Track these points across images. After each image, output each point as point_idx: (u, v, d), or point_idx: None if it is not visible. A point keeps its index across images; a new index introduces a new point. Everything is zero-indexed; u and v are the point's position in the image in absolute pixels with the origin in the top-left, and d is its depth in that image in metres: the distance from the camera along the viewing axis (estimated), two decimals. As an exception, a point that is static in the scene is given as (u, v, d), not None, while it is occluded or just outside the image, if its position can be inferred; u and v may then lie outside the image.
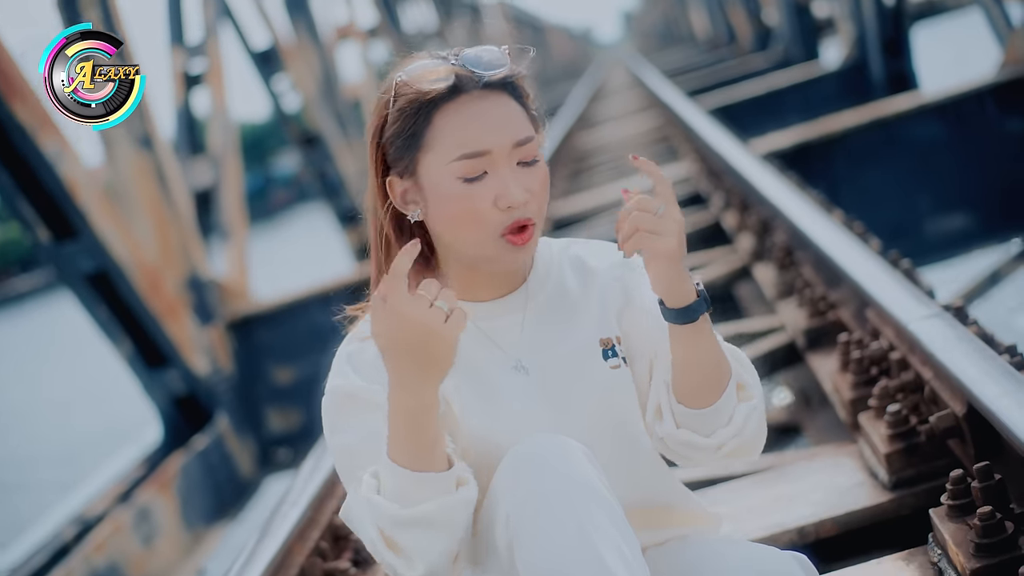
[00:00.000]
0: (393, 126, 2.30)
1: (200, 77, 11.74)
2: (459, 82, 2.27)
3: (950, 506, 2.73)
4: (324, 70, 15.85)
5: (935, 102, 10.46)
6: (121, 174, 9.41)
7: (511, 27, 44.60)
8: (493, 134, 2.25)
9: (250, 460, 9.86)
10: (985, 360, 2.99)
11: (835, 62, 17.27)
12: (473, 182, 2.24)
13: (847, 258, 4.55)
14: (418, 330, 2.04)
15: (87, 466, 13.70)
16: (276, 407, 10.40)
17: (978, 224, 10.28)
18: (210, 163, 11.34)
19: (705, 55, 36.57)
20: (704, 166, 9.41)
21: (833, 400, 4.00)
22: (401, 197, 2.32)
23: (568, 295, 2.44)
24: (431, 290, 2.06)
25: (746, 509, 3.37)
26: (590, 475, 2.15)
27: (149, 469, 8.55)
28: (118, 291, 8.78)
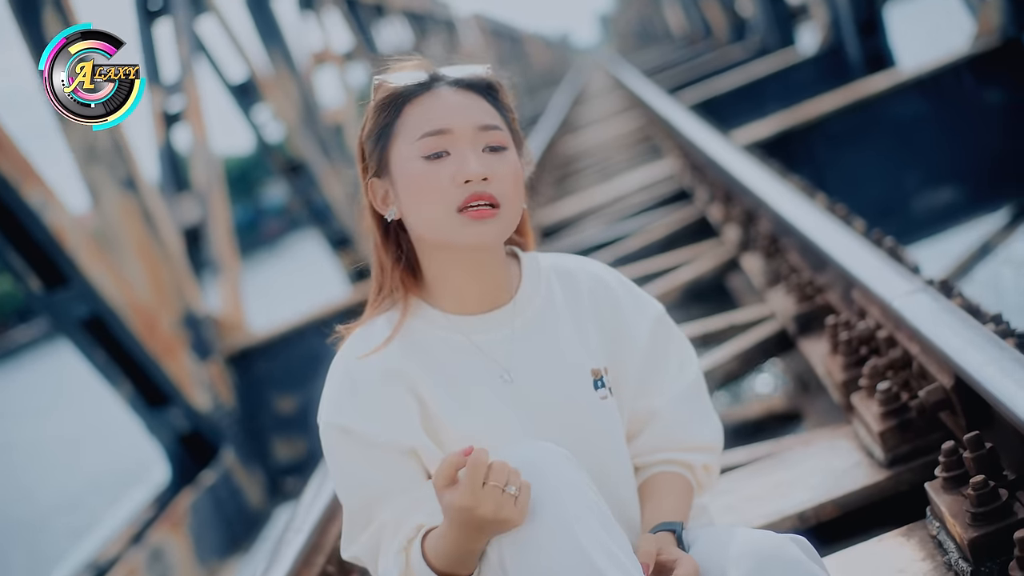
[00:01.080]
0: (370, 123, 2.40)
1: (179, 115, 11.73)
2: (430, 78, 2.38)
3: (944, 478, 2.74)
4: (303, 97, 15.84)
5: (913, 79, 10.46)
6: (108, 218, 9.41)
7: (488, 40, 44.63)
8: (455, 115, 2.34)
9: (259, 492, 9.85)
10: (969, 330, 3.00)
11: (812, 47, 17.27)
12: (435, 160, 2.31)
13: (831, 241, 4.55)
14: (490, 514, 2.11)
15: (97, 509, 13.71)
16: (281, 437, 10.38)
17: (965, 197, 10.28)
18: (196, 199, 11.32)
19: (683, 51, 36.60)
20: (687, 161, 9.42)
21: (826, 383, 4.01)
22: (382, 200, 2.38)
23: (557, 311, 2.48)
24: (502, 478, 2.12)
25: (745, 498, 3.38)
26: (577, 480, 2.17)
27: (159, 509, 8.53)
28: (114, 334, 8.76)
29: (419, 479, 2.36)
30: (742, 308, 6.14)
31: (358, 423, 2.33)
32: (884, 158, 10.28)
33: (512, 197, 2.33)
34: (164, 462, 9.40)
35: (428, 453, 2.35)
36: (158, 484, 9.29)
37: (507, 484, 2.12)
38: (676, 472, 2.53)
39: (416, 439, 2.34)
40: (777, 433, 6.15)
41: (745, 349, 4.96)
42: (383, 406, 2.35)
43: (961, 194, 10.30)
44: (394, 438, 2.33)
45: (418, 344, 2.41)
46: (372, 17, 23.20)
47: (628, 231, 8.69)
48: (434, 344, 2.41)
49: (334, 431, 2.35)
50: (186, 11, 12.07)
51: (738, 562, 2.17)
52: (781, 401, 6.54)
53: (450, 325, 2.42)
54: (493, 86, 2.44)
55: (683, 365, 2.59)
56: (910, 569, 2.68)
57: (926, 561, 2.69)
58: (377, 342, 2.39)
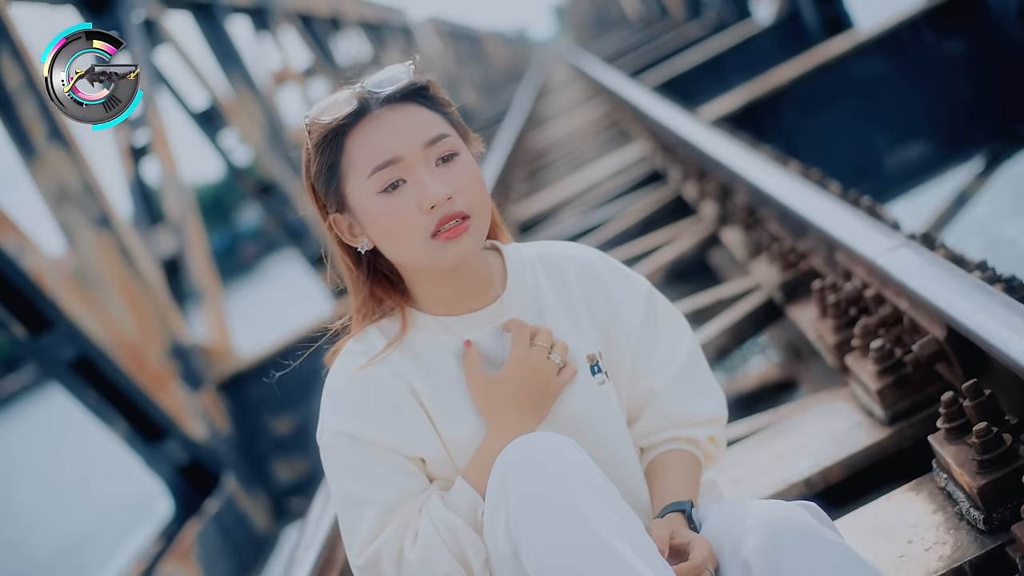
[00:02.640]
0: (314, 164, 2.35)
1: (146, 148, 11.69)
2: (361, 104, 2.31)
3: (947, 429, 2.75)
4: (268, 118, 15.82)
5: (872, 38, 10.47)
6: (85, 257, 9.38)
7: (445, 42, 44.59)
8: (399, 141, 2.29)
9: (264, 515, 9.83)
10: (956, 280, 3.00)
11: (769, 17, 17.29)
12: (392, 192, 2.27)
13: (809, 207, 4.55)
14: (540, 379, 2.34)
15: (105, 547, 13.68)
16: (281, 458, 10.37)
17: (936, 149, 10.30)
18: (171, 230, 11.29)
19: (640, 34, 36.56)
20: (657, 143, 9.41)
21: (819, 347, 4.01)
22: (348, 231, 2.35)
23: (545, 300, 2.47)
24: (547, 340, 2.37)
25: (752, 470, 3.38)
26: (583, 466, 2.17)
27: (167, 542, 8.51)
28: (103, 373, 8.73)
29: (427, 484, 2.36)
30: (727, 282, 6.13)
31: (367, 430, 2.32)
32: (852, 119, 10.30)
33: (478, 202, 2.32)
34: (166, 495, 9.37)
35: (435, 457, 2.35)
36: (163, 518, 9.27)
37: (552, 350, 2.37)
38: (681, 449, 2.53)
39: (423, 443, 2.34)
40: (775, 402, 6.16)
41: (735, 322, 4.96)
42: (391, 412, 2.35)
43: (932, 147, 10.32)
44: (403, 443, 2.33)
45: (413, 349, 2.40)
46: (328, 31, 23.18)
47: (605, 218, 8.68)
48: (427, 348, 2.41)
49: (343, 440, 2.34)
50: (143, 43, 12.03)
51: (752, 533, 2.17)
52: (775, 370, 6.54)
53: (440, 328, 2.41)
54: (423, 88, 2.39)
55: (677, 341, 2.59)
56: (922, 523, 2.68)
57: (937, 513, 2.69)
58: (374, 351, 2.39)
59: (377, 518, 2.31)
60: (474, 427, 2.37)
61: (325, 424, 2.39)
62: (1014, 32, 9.32)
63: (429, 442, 2.36)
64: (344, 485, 2.35)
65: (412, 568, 2.27)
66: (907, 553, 2.61)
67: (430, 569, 2.27)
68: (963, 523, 2.61)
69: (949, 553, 2.54)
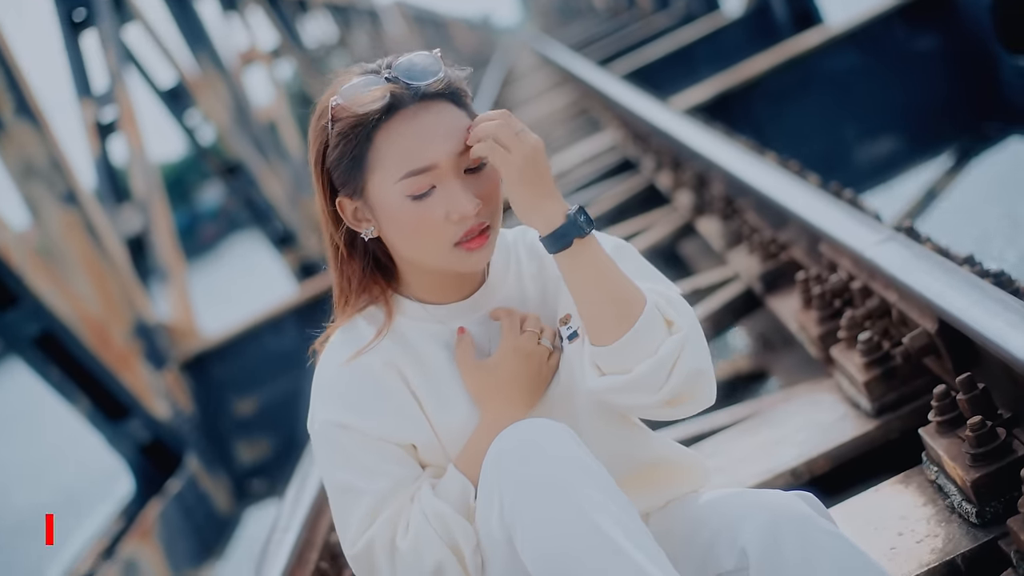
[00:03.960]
0: (335, 150, 2.28)
1: (113, 124, 11.60)
2: (395, 99, 2.25)
3: (939, 422, 2.75)
4: (234, 98, 15.72)
5: (844, 32, 10.50)
6: (50, 233, 9.31)
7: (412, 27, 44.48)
8: (436, 147, 2.24)
9: (226, 496, 9.79)
10: (948, 274, 3.00)
11: (738, 9, 17.30)
12: (422, 198, 2.23)
13: (790, 197, 4.56)
14: (533, 364, 2.34)
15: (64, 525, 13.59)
16: (243, 439, 10.33)
17: (906, 144, 10.35)
18: (137, 208, 11.22)
19: (607, 23, 36.51)
20: (629, 131, 9.41)
21: (801, 339, 4.02)
22: (352, 216, 2.32)
23: (525, 284, 2.46)
24: (536, 325, 2.36)
25: (736, 460, 3.38)
26: (577, 453, 2.16)
27: (128, 521, 8.46)
28: (67, 350, 8.67)
29: (419, 471, 2.35)
30: (703, 272, 6.13)
31: (359, 419, 2.31)
32: (823, 112, 10.33)
33: (498, 212, 2.31)
34: (128, 474, 9.31)
35: (426, 444, 2.34)
36: (123, 496, 9.21)
37: (542, 335, 2.37)
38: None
39: (414, 431, 2.33)
40: (747, 392, 6.16)
41: (713, 312, 4.96)
42: (381, 400, 2.33)
43: (901, 142, 10.37)
44: (394, 431, 2.31)
45: (401, 336, 2.38)
46: (296, 13, 23.06)
47: (576, 205, 8.65)
48: (416, 336, 2.39)
49: (334, 429, 2.31)
50: (111, 21, 11.93)
51: (750, 521, 2.16)
52: (747, 360, 6.55)
53: (428, 315, 2.40)
54: (453, 83, 2.33)
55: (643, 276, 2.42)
56: (912, 515, 2.69)
57: (927, 506, 2.70)
58: (363, 341, 2.36)
59: (370, 508, 2.30)
60: (466, 414, 2.35)
61: (315, 414, 2.36)
62: (985, 29, 9.35)
63: (420, 429, 2.34)
64: (336, 475, 2.33)
65: (404, 558, 2.26)
66: (898, 545, 2.61)
67: (421, 558, 2.25)
68: (954, 516, 2.61)
69: (941, 546, 2.54)
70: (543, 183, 2.24)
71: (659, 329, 2.23)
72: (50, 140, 9.28)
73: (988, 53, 9.38)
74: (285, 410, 10.27)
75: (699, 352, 2.26)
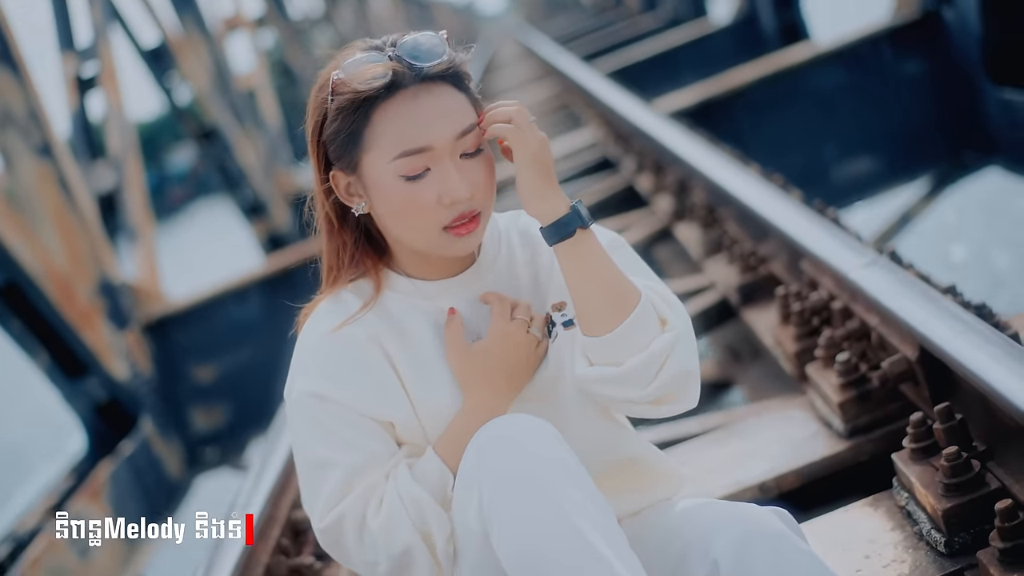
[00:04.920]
0: (332, 124, 2.28)
1: (93, 80, 11.53)
2: (396, 78, 2.25)
3: (913, 449, 2.76)
4: (216, 63, 15.68)
5: (832, 50, 10.52)
6: (23, 184, 9.23)
7: (397, 6, 44.38)
8: (433, 129, 2.24)
9: (178, 462, 9.76)
10: (931, 303, 3.02)
11: (725, 18, 17.33)
12: (416, 180, 2.24)
13: (774, 211, 4.57)
14: (521, 353, 2.34)
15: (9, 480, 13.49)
16: (200, 406, 10.30)
17: (884, 167, 10.39)
18: (111, 166, 11.16)
19: (593, 20, 36.53)
20: (611, 130, 9.40)
21: (776, 353, 4.03)
22: (345, 190, 2.32)
23: (517, 269, 2.46)
24: (527, 313, 2.36)
25: (705, 469, 3.39)
26: (559, 452, 2.16)
27: (78, 479, 8.42)
28: (31, 302, 8.62)
29: (395, 449, 2.34)
30: (677, 279, 6.13)
31: (337, 391, 2.29)
32: (805, 128, 10.35)
33: (490, 199, 2.31)
34: (81, 432, 9.27)
35: (404, 422, 2.33)
36: (75, 454, 9.16)
37: (532, 323, 2.36)
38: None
39: (394, 408, 2.32)
40: (709, 401, 6.16)
41: (687, 319, 4.95)
42: (362, 373, 2.32)
43: (880, 163, 10.41)
44: (373, 406, 2.31)
45: (387, 311, 2.38)
46: (283, -18, 22.99)
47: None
48: (403, 311, 2.38)
49: (311, 400, 2.30)
50: (99, -25, 11.87)
51: (722, 533, 2.16)
52: (713, 369, 6.55)
53: (416, 291, 2.39)
54: (456, 66, 2.34)
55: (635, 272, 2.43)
56: (880, 539, 2.70)
57: (896, 531, 2.71)
58: (349, 312, 2.36)
59: (342, 481, 2.28)
60: (448, 395, 2.35)
61: (294, 382, 2.35)
62: (972, 59, 9.39)
63: (400, 407, 2.33)
64: (309, 446, 2.32)
65: (374, 536, 2.25)
66: (864, 568, 2.62)
67: (391, 540, 2.25)
68: (922, 543, 2.63)
69: (907, 572, 2.55)
70: (549, 173, 2.28)
71: (652, 325, 2.25)
72: (30, 91, 9.22)
73: (973, 83, 9.42)
74: (244, 380, 10.24)
75: (689, 353, 2.28)
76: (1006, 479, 2.56)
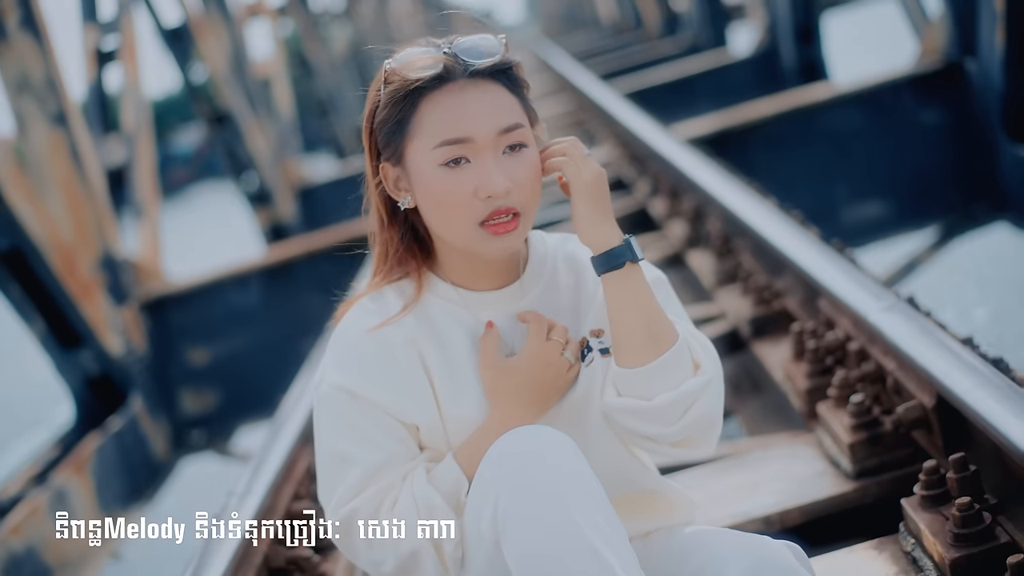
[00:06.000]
0: (383, 111, 2.33)
1: (113, 54, 11.54)
2: (446, 71, 2.29)
3: (923, 496, 2.76)
4: (234, 47, 15.67)
5: (852, 92, 10.52)
6: (34, 151, 9.22)
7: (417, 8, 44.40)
8: (475, 121, 2.27)
9: (164, 442, 9.73)
10: (951, 352, 3.03)
11: (744, 49, 17.32)
12: (454, 169, 2.26)
13: (793, 247, 4.57)
14: (551, 373, 2.35)
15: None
16: (190, 388, 10.29)
17: (893, 212, 10.38)
18: (123, 141, 11.16)
19: (611, 39, 36.45)
20: (626, 151, 9.40)
21: (785, 389, 4.03)
22: (394, 184, 2.35)
23: (560, 293, 2.47)
24: (563, 336, 2.37)
25: (710, 497, 3.39)
26: (578, 466, 2.17)
27: (64, 450, 8.39)
28: (32, 269, 8.60)
29: (416, 452, 2.35)
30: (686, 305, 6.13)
31: (368, 389, 2.31)
32: (817, 167, 10.35)
33: (531, 200, 2.32)
34: (71, 404, 9.24)
35: (430, 426, 2.34)
36: (62, 425, 9.14)
37: (566, 346, 2.37)
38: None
39: (421, 412, 2.33)
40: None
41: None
42: (396, 376, 2.34)
43: (889, 209, 10.40)
44: (401, 408, 2.32)
45: (427, 316, 2.39)
46: (308, -26, 23.01)
47: (560, 216, 8.64)
48: (443, 318, 2.39)
49: (342, 395, 2.32)
50: (127, -50, 11.87)
51: (734, 563, 2.17)
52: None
53: (458, 299, 2.41)
54: (510, 68, 2.38)
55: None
56: (884, 583, 2.70)
57: (900, 576, 2.71)
58: (390, 312, 2.37)
59: (359, 478, 2.31)
60: (476, 406, 2.36)
61: (326, 375, 2.37)
62: (991, 113, 9.39)
63: (427, 412, 2.35)
64: (332, 439, 2.34)
65: (383, 535, 2.28)
66: (867, 610, 2.62)
67: (400, 541, 2.27)
68: (926, 591, 2.63)
69: (911, 618, 2.55)
70: (605, 205, 2.34)
71: (686, 366, 2.28)
72: (50, 58, 9.21)
73: (990, 137, 9.42)
74: (237, 367, 10.23)
75: (717, 400, 2.33)
76: (1016, 534, 2.57)
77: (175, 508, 9.22)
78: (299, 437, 4.00)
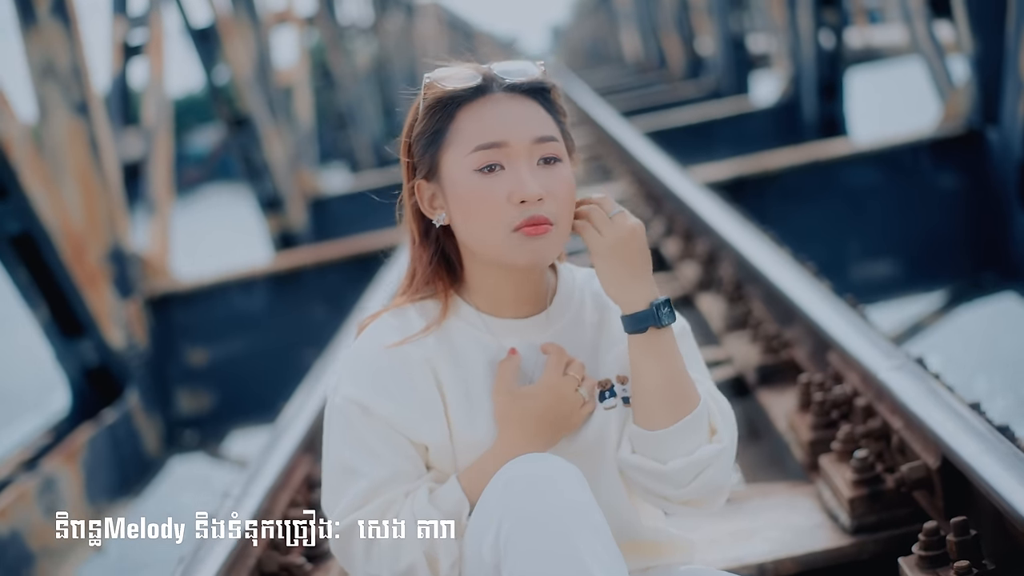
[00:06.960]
0: (420, 123, 2.36)
1: (140, 48, 11.58)
2: (484, 83, 2.33)
3: (921, 556, 2.76)
4: (260, 52, 15.72)
5: (872, 150, 10.55)
6: (54, 137, 9.25)
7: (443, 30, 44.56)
8: (511, 127, 2.29)
9: (156, 439, 9.73)
10: (958, 416, 3.02)
11: (766, 98, 17.38)
12: (489, 175, 2.27)
13: (807, 299, 4.58)
14: (564, 408, 2.33)
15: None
16: (187, 388, 10.29)
17: (902, 273, 10.39)
18: (142, 135, 11.18)
19: (633, 77, 36.61)
20: (642, 189, 9.43)
21: (788, 439, 4.02)
22: (429, 202, 2.35)
23: (584, 329, 2.46)
24: (580, 372, 2.35)
25: (705, 539, 3.38)
26: (583, 497, 2.17)
27: (56, 439, 8.38)
28: (42, 255, 8.61)
29: (422, 470, 2.35)
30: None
31: (381, 405, 2.31)
32: (831, 221, 10.36)
33: (565, 214, 2.31)
34: (67, 393, 9.24)
35: (439, 447, 2.34)
36: (56, 413, 9.13)
37: (582, 383, 2.35)
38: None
39: (432, 432, 2.33)
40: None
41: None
42: (410, 394, 2.33)
43: (899, 270, 10.42)
44: (412, 426, 2.32)
45: (448, 337, 2.39)
46: (338, -14, 23.08)
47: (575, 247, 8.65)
48: (464, 341, 2.39)
49: (354, 408, 2.32)
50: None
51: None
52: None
53: (483, 325, 2.40)
54: (547, 89, 2.39)
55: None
56: (877, 641, 2.70)
57: (893, 635, 2.70)
58: (410, 330, 2.37)
59: (363, 491, 2.31)
60: (486, 431, 2.36)
61: (341, 386, 2.37)
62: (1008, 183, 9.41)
63: (437, 432, 2.35)
64: (340, 451, 2.34)
65: (381, 550, 2.27)
66: (858, 666, 2.62)
67: (397, 556, 2.26)
68: (919, 652, 2.62)
69: (901, 677, 2.55)
70: (635, 264, 2.32)
71: (703, 433, 2.30)
72: (77, 47, 9.23)
73: (1005, 206, 9.44)
74: (235, 370, 10.24)
75: (728, 468, 2.35)
76: (1012, 602, 2.56)
77: (163, 505, 9.22)
78: (299, 445, 4.00)
